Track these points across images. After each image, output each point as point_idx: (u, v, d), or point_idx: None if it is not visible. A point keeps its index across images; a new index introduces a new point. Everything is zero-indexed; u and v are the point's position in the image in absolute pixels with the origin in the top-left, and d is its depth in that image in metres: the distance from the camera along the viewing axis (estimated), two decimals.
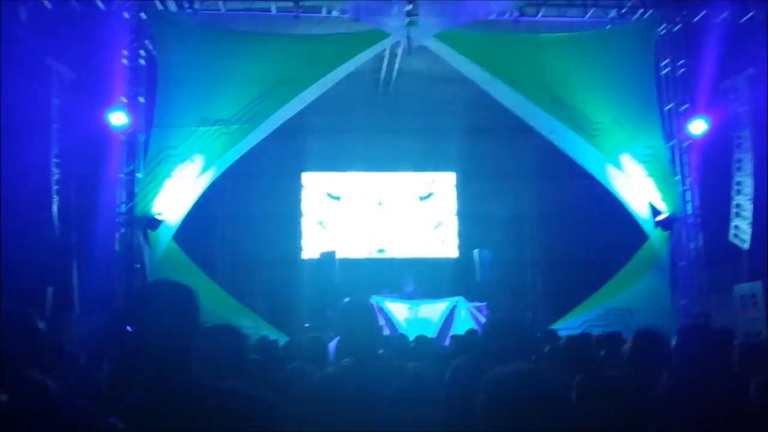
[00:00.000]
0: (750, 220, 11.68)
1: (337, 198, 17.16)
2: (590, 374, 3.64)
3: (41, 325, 2.83)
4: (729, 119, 11.97)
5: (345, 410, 2.65)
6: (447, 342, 10.58)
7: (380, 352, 2.98)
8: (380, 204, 17.25)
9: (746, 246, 11.68)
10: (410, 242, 17.10)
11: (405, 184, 17.43)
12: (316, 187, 17.12)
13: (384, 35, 11.35)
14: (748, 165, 11.82)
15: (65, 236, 10.89)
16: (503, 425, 1.76)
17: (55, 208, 10.62)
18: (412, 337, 9.47)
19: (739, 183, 12.02)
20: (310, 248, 16.51)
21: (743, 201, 11.91)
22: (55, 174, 10.52)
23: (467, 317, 13.19)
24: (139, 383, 2.03)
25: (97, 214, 11.13)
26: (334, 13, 11.46)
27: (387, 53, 13.20)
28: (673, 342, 3.36)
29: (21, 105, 9.26)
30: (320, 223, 17.04)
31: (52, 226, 10.60)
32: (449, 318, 13.16)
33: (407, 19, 10.99)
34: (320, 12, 11.53)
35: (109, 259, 11.07)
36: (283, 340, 8.91)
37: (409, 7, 10.89)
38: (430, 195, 17.56)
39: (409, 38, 11.14)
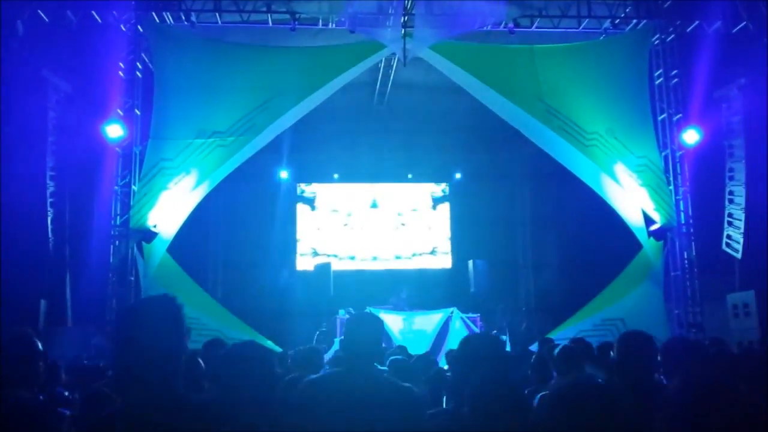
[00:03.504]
0: (742, 229, 11.78)
1: (332, 209, 17.18)
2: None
3: (40, 346, 2.88)
4: (722, 128, 12.08)
5: (326, 414, 2.64)
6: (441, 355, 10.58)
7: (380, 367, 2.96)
8: (374, 214, 17.28)
9: (739, 255, 11.77)
10: (404, 253, 17.13)
11: (400, 194, 17.47)
12: (314, 200, 17.15)
13: (380, 47, 11.37)
14: (740, 174, 11.93)
15: (59, 249, 10.84)
16: None
17: (49, 221, 10.56)
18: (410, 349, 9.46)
19: (731, 192, 12.12)
20: (305, 260, 16.52)
21: (735, 210, 12.02)
22: (50, 186, 10.48)
23: (462, 328, 13.20)
24: (123, 396, 2.06)
25: (91, 226, 11.09)
26: (331, 26, 11.51)
27: (382, 64, 13.25)
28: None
29: (17, 117, 9.22)
30: (314, 233, 17.06)
31: (47, 239, 10.55)
32: (444, 329, 13.16)
33: (403, 31, 11.05)
34: (316, 24, 11.58)
35: (102, 271, 10.99)
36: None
37: (405, 18, 10.95)
38: (423, 206, 17.61)
39: (404, 49, 11.17)
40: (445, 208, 17.56)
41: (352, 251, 16.90)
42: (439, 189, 17.62)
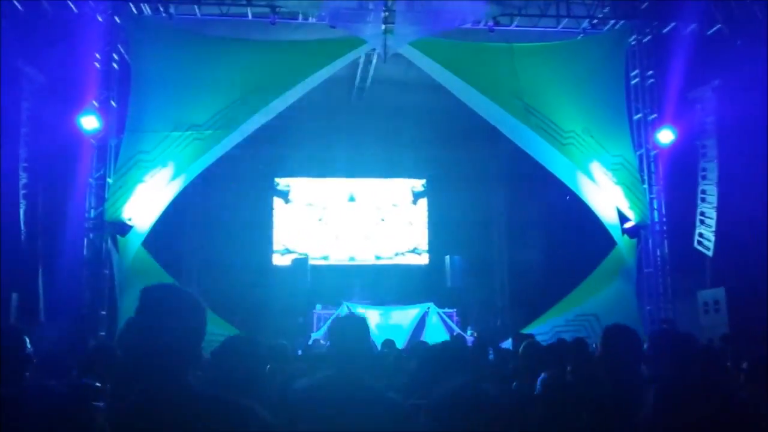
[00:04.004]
0: (714, 227, 11.97)
1: (309, 204, 17.13)
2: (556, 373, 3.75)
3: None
4: (695, 129, 12.26)
5: (314, 423, 2.72)
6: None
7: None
8: (352, 210, 17.27)
9: (710, 253, 11.97)
10: (381, 248, 17.15)
11: (378, 189, 17.47)
12: (288, 193, 17.06)
13: (360, 42, 11.35)
14: (713, 174, 12.12)
15: (31, 241, 10.64)
16: None
17: (21, 213, 10.37)
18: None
19: (703, 191, 12.31)
20: (282, 254, 16.45)
21: (707, 209, 12.21)
22: (23, 178, 10.28)
23: (438, 323, 13.29)
24: (136, 388, 2.05)
25: (65, 219, 10.90)
26: (311, 20, 11.42)
27: (362, 60, 13.22)
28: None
29: None
30: (289, 228, 16.99)
31: (19, 231, 10.35)
32: (420, 324, 13.24)
33: (383, 27, 11.02)
34: (297, 18, 11.48)
35: (76, 264, 10.84)
36: None
37: (386, 14, 10.93)
38: (401, 201, 17.64)
39: (384, 45, 11.16)
40: (422, 203, 17.62)
41: (329, 245, 16.86)
42: (419, 184, 17.66)
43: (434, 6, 10.72)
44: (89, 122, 10.53)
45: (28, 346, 2.95)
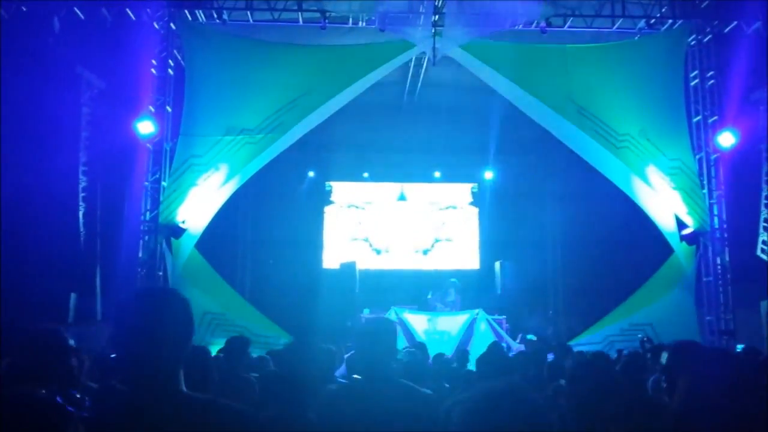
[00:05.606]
0: None
1: (359, 207, 17.16)
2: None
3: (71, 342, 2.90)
4: (758, 132, 11.79)
5: (350, 427, 2.67)
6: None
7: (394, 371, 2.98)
8: (402, 213, 17.23)
9: None
10: (432, 253, 17.04)
11: (428, 194, 17.39)
12: (339, 197, 17.14)
13: (410, 46, 11.34)
14: None
15: (90, 243, 10.97)
16: None
17: (80, 215, 10.70)
18: (430, 350, 9.36)
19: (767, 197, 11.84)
20: (332, 258, 16.51)
21: None
22: (82, 181, 10.61)
23: (487, 330, 13.05)
24: (122, 391, 2.01)
25: (121, 221, 11.21)
26: (361, 24, 11.49)
27: (412, 63, 13.21)
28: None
29: (51, 112, 9.35)
30: (342, 232, 17.05)
31: (78, 233, 10.68)
32: (469, 331, 13.03)
33: (433, 30, 10.99)
34: (347, 23, 11.57)
35: (132, 266, 11.10)
36: None
37: (435, 17, 10.89)
38: (452, 206, 17.51)
39: (434, 49, 11.11)
40: (462, 212, 17.44)
41: (378, 249, 16.86)
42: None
43: (485, 8, 10.60)
44: (145, 127, 10.81)
45: (70, 344, 2.99)
